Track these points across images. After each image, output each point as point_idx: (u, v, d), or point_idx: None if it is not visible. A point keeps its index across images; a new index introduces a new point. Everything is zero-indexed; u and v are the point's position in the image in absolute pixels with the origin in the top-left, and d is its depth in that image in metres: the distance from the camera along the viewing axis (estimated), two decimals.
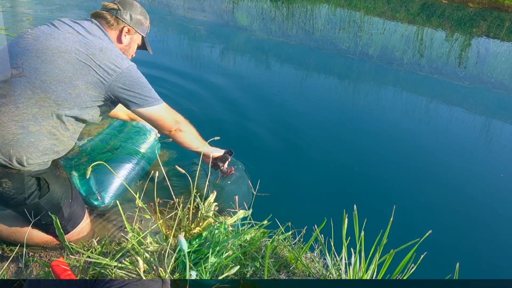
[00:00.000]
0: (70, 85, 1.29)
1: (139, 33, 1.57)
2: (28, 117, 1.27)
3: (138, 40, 1.60)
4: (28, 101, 1.26)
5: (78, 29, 1.37)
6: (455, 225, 1.97)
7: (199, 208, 1.24)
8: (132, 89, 1.38)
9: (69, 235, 1.53)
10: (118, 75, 1.34)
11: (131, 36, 1.55)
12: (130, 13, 1.51)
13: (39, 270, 1.42)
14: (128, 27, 1.51)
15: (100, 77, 1.32)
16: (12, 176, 1.30)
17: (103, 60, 1.32)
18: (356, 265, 1.05)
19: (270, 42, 4.52)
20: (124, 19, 1.49)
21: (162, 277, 1.00)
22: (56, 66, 1.27)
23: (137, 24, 1.54)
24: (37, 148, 1.31)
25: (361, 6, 7.05)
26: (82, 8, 5.23)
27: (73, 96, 1.30)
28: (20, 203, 1.36)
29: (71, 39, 1.32)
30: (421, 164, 2.42)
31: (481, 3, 7.46)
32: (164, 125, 1.53)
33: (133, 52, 1.61)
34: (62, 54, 1.29)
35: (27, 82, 1.26)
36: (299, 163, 2.30)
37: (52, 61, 1.28)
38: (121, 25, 1.49)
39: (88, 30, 1.39)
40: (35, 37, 1.33)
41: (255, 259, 1.13)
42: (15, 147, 1.26)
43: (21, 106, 1.26)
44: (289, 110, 2.91)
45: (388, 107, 3.14)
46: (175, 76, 3.26)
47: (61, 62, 1.28)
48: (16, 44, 1.33)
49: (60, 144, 1.38)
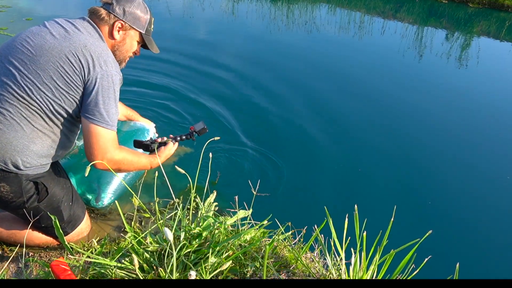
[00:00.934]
0: (51, 86, 1.26)
1: (135, 29, 1.47)
2: (19, 120, 1.25)
3: (136, 37, 1.50)
4: (17, 103, 1.24)
5: (67, 26, 1.33)
6: (455, 225, 1.97)
7: (199, 208, 1.24)
8: (96, 93, 1.29)
9: (69, 236, 1.53)
10: (96, 73, 1.28)
11: (126, 32, 1.46)
12: (124, 7, 1.42)
13: (39, 270, 1.42)
14: (120, 21, 1.42)
15: (79, 74, 1.27)
16: (9, 180, 1.29)
17: (85, 56, 1.27)
18: (356, 265, 1.05)
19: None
20: (116, 13, 1.41)
21: (162, 277, 1.00)
22: (38, 67, 1.25)
23: (132, 19, 1.44)
24: (32, 150, 1.29)
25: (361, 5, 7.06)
26: (82, 7, 5.22)
27: (57, 96, 1.27)
28: (19, 206, 1.35)
29: (56, 37, 1.29)
30: (423, 163, 2.42)
31: (481, 3, 7.45)
32: (93, 150, 1.33)
33: (132, 49, 1.53)
34: (44, 53, 1.26)
35: (13, 84, 1.24)
36: (299, 163, 2.30)
37: (35, 61, 1.26)
38: (112, 19, 1.41)
39: (78, 28, 1.34)
40: (23, 38, 1.31)
41: (255, 259, 1.13)
42: (10, 150, 1.25)
43: (10, 109, 1.24)
44: (289, 110, 2.91)
45: (388, 108, 3.14)
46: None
47: (43, 61, 1.25)
48: (6, 47, 1.31)
49: (56, 145, 1.36)
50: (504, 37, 5.83)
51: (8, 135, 1.24)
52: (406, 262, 1.01)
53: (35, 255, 1.51)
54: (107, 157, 1.35)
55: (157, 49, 1.59)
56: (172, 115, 2.67)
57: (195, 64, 3.58)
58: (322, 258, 1.22)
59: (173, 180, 1.97)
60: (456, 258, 1.77)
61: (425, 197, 2.13)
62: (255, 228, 1.22)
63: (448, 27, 6.17)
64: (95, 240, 1.56)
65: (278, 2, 6.87)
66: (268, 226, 1.25)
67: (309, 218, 1.82)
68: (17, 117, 1.25)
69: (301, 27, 5.36)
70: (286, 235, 1.26)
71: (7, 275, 1.39)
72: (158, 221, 1.20)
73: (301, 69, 3.74)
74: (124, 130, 1.97)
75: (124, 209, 1.79)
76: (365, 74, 3.80)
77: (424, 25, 6.26)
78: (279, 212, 1.56)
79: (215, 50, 4.02)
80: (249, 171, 2.13)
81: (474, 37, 5.72)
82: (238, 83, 3.31)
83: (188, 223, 1.16)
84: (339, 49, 4.64)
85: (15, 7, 4.79)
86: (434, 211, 2.04)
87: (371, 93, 3.38)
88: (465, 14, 7.12)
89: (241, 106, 2.89)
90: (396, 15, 6.67)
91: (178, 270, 1.03)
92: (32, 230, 1.46)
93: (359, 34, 5.32)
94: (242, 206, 1.34)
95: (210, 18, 5.36)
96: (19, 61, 1.26)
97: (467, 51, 4.98)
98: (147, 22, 1.51)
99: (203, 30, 4.78)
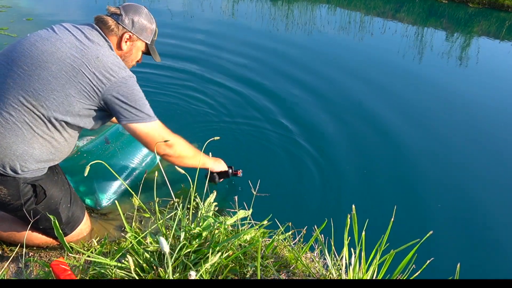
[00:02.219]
0: (62, 93, 1.25)
1: (142, 40, 1.50)
2: (21, 125, 1.24)
3: (142, 47, 1.53)
4: (21, 109, 1.23)
5: (77, 34, 1.33)
6: (456, 225, 1.97)
7: (199, 208, 1.24)
8: (125, 100, 1.32)
9: (68, 237, 1.53)
10: (112, 84, 1.29)
11: (133, 43, 1.48)
12: (133, 18, 1.44)
13: (39, 270, 1.42)
14: (128, 33, 1.44)
15: (94, 85, 1.28)
16: (7, 183, 1.28)
17: (98, 68, 1.27)
18: (356, 265, 1.05)
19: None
20: (125, 25, 1.42)
21: (162, 277, 1.00)
22: (49, 73, 1.24)
23: (140, 30, 1.47)
24: (31, 155, 1.28)
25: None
26: (82, 8, 5.23)
27: (66, 104, 1.27)
28: (17, 208, 1.35)
29: (67, 45, 1.28)
30: (424, 163, 2.43)
31: (481, 3, 7.45)
32: (152, 145, 1.43)
33: (136, 59, 1.55)
34: (56, 61, 1.25)
35: (20, 89, 1.22)
36: (299, 163, 2.30)
37: (46, 68, 1.24)
38: (121, 31, 1.43)
39: (87, 36, 1.34)
40: (32, 43, 1.29)
41: (255, 259, 1.13)
42: (9, 155, 1.24)
43: (14, 114, 1.23)
44: (288, 110, 2.91)
45: (387, 107, 3.14)
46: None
47: (55, 69, 1.24)
48: (13, 49, 1.29)
49: (56, 151, 1.35)
50: (504, 37, 5.83)
51: (9, 139, 1.23)
52: (406, 263, 1.01)
53: (35, 255, 1.51)
54: (167, 141, 1.46)
55: (159, 58, 1.61)
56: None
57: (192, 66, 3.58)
58: (322, 258, 1.22)
59: (173, 180, 1.98)
60: (457, 258, 1.77)
61: (427, 198, 2.13)
62: (255, 228, 1.22)
63: (448, 27, 6.17)
64: (95, 240, 1.56)
65: (278, 2, 6.87)
66: (268, 226, 1.25)
67: (309, 218, 1.82)
68: (19, 121, 1.23)
69: (300, 27, 5.36)
70: (286, 235, 1.26)
71: (7, 275, 1.39)
72: (158, 221, 1.20)
73: (300, 64, 3.74)
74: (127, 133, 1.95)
75: (124, 209, 1.79)
76: (364, 73, 3.80)
77: (424, 25, 6.27)
78: (279, 212, 1.56)
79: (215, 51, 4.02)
80: (249, 171, 2.13)
81: (474, 37, 5.72)
82: (236, 80, 3.31)
83: (188, 223, 1.16)
84: (339, 49, 4.64)
85: (15, 7, 4.79)
86: (434, 211, 2.04)
87: (371, 93, 3.37)
88: (465, 14, 7.12)
89: (241, 105, 2.89)
90: (396, 15, 6.67)
91: (178, 270, 1.03)
92: (32, 231, 1.46)
93: (359, 34, 5.32)
94: (242, 206, 1.34)
95: (210, 18, 5.36)
96: (28, 66, 1.24)
97: (466, 51, 4.98)
98: (153, 32, 1.53)
99: (203, 29, 4.78)
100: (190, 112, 2.75)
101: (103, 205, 1.76)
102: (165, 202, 1.81)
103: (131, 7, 1.45)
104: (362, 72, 3.84)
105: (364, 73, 3.82)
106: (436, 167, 2.40)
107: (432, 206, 2.07)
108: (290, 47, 4.38)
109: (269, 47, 4.28)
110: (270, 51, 4.17)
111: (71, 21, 1.48)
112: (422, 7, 7.38)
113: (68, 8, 5.18)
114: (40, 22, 4.31)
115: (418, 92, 3.51)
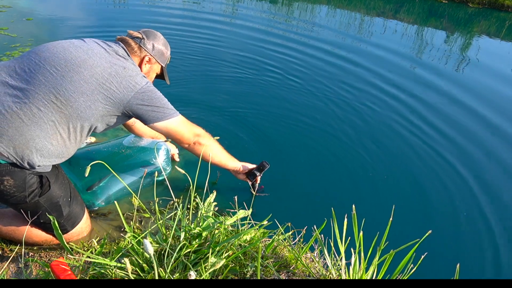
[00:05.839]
0: (91, 98, 1.34)
1: (159, 63, 1.65)
2: (47, 120, 1.30)
3: (157, 70, 1.68)
4: (50, 105, 1.30)
5: (106, 47, 1.46)
6: (456, 225, 1.97)
7: (199, 208, 1.24)
8: (150, 103, 1.44)
9: (69, 234, 1.54)
10: (136, 92, 1.41)
11: (151, 66, 1.63)
12: (153, 43, 1.59)
13: (39, 270, 1.42)
14: (149, 56, 1.59)
15: (120, 94, 1.38)
16: (15, 174, 1.31)
17: (125, 77, 1.39)
18: (356, 265, 1.05)
19: None
20: (147, 48, 1.57)
21: (162, 277, 1.00)
22: (81, 78, 1.33)
23: (158, 54, 1.62)
24: (48, 151, 1.34)
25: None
26: (82, 8, 5.23)
27: (92, 108, 1.35)
28: (20, 201, 1.37)
29: (98, 55, 1.40)
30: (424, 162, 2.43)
31: (481, 3, 7.45)
32: (182, 138, 1.59)
33: (150, 80, 1.67)
34: (88, 67, 1.35)
35: (52, 87, 1.30)
36: (299, 163, 2.30)
37: (78, 72, 1.33)
38: (143, 53, 1.57)
39: (115, 50, 1.47)
40: (65, 47, 1.39)
41: (255, 259, 1.13)
42: (30, 147, 1.29)
43: (43, 109, 1.29)
44: (288, 110, 2.91)
45: (386, 107, 3.14)
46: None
47: (87, 74, 1.34)
48: (46, 50, 1.38)
49: (66, 150, 1.41)
50: (504, 37, 5.84)
51: (33, 132, 1.28)
52: (406, 262, 1.01)
53: (35, 255, 1.51)
54: (195, 132, 1.62)
55: (169, 80, 1.79)
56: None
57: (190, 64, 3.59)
58: (322, 258, 1.22)
59: (173, 180, 1.98)
60: (457, 258, 1.77)
61: (426, 197, 2.13)
62: (255, 228, 1.22)
63: (448, 27, 6.17)
64: (95, 240, 1.56)
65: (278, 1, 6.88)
66: (268, 226, 1.25)
67: (309, 218, 1.82)
68: (46, 117, 1.29)
69: (300, 27, 5.36)
70: (286, 235, 1.26)
71: (7, 275, 1.39)
72: (158, 221, 1.20)
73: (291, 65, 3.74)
74: (141, 144, 1.95)
75: (124, 209, 1.79)
76: (362, 72, 3.80)
77: (424, 25, 6.27)
78: (279, 212, 1.56)
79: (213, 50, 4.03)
80: None
81: (474, 37, 5.73)
82: (236, 83, 3.31)
83: (188, 223, 1.16)
84: (337, 48, 4.63)
85: (15, 7, 4.79)
86: (434, 211, 2.04)
87: (371, 92, 3.38)
88: (465, 14, 7.13)
89: (239, 109, 2.89)
90: (396, 15, 6.67)
91: (178, 270, 1.04)
92: (31, 226, 1.48)
93: (360, 35, 5.32)
94: (242, 206, 1.34)
95: (209, 18, 5.36)
96: (62, 67, 1.33)
97: (466, 52, 4.98)
98: (168, 58, 1.71)
99: (203, 28, 4.78)
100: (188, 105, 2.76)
101: (101, 205, 1.76)
102: (165, 202, 1.81)
103: (151, 33, 1.61)
104: (362, 72, 3.84)
105: (364, 73, 3.82)
106: (436, 167, 2.40)
107: (432, 206, 2.07)
108: (271, 43, 4.39)
109: (269, 48, 4.29)
110: (270, 50, 4.18)
111: (71, 21, 1.50)
112: (422, 7, 7.38)
113: (68, 8, 5.18)
114: (40, 22, 4.31)
115: (418, 91, 3.51)
